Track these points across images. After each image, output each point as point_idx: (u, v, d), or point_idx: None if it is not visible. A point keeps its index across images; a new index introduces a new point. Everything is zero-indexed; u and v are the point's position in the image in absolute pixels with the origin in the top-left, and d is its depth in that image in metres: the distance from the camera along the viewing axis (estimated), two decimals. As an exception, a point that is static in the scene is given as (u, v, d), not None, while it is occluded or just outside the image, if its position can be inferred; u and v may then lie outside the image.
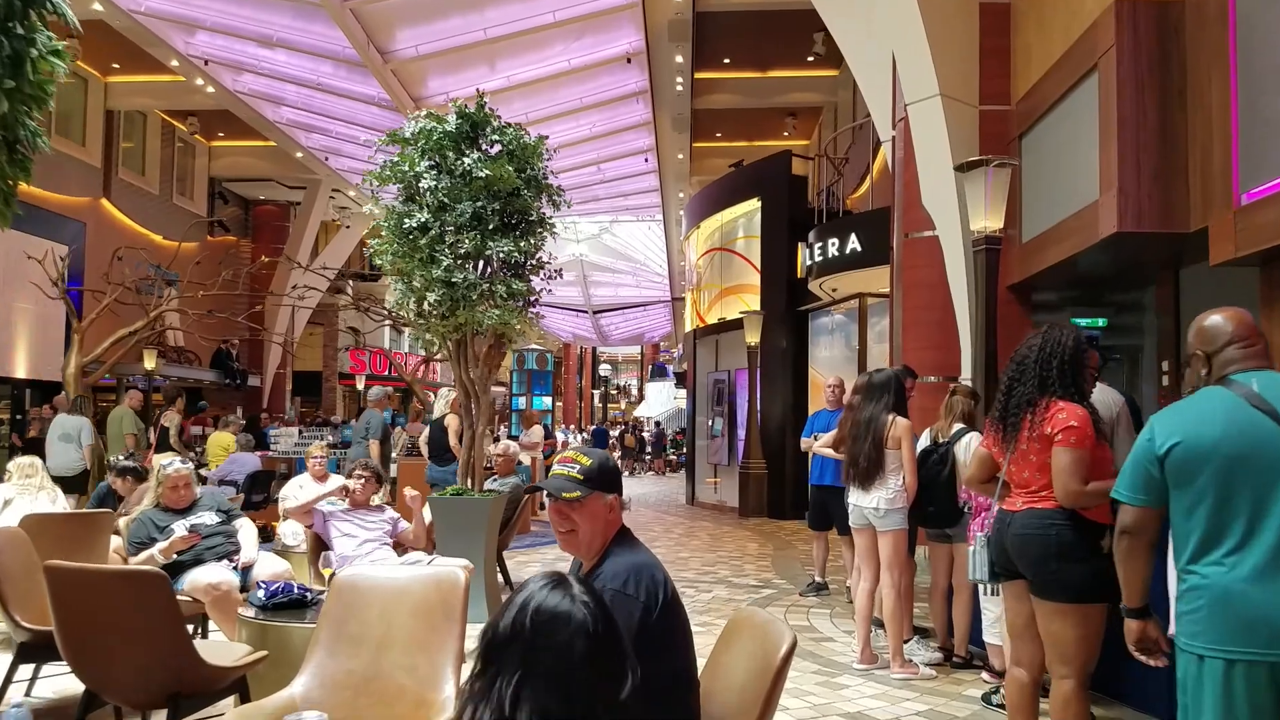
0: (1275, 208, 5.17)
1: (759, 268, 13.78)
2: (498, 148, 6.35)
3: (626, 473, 25.92)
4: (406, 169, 6.05)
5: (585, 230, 29.13)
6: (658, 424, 28.80)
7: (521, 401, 23.22)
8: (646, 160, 19.54)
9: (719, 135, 20.90)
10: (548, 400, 23.83)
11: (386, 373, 25.94)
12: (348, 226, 24.06)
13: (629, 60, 15.12)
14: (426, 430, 9.37)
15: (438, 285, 5.96)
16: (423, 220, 5.92)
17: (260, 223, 23.66)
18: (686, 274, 17.52)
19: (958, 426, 5.28)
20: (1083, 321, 8.54)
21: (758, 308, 13.44)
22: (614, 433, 28.56)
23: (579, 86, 16.26)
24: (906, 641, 5.29)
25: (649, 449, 27.76)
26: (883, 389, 5.18)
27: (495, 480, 7.54)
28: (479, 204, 6.03)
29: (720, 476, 15.04)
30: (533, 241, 6.39)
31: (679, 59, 15.41)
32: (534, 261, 6.61)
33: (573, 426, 33.16)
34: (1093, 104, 6.67)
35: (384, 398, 11.12)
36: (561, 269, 7.09)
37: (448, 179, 6.03)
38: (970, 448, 5.11)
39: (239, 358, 21.93)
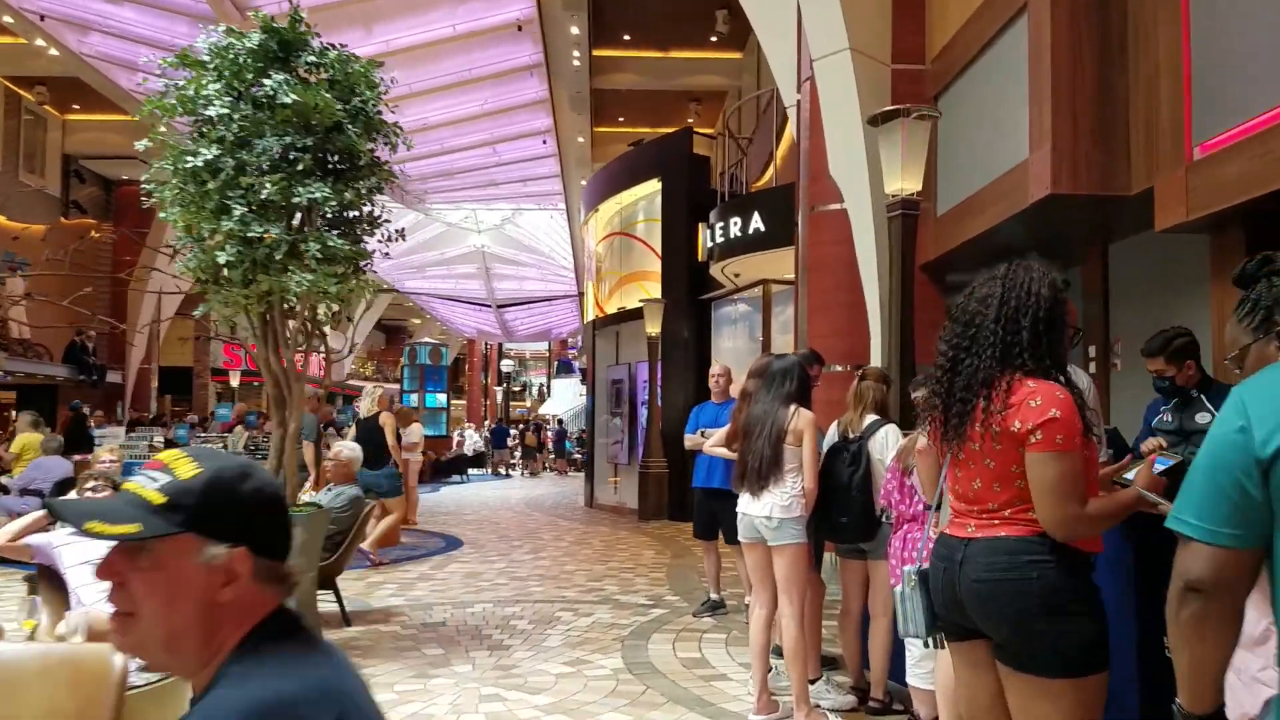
0: (1236, 160, 4.37)
1: (659, 253, 12.78)
2: (319, 75, 5.12)
3: (528, 474, 24.62)
4: (194, 94, 4.78)
5: (486, 220, 27.74)
6: (560, 421, 27.62)
7: (414, 399, 21.71)
8: (545, 143, 18.35)
9: (621, 120, 19.88)
10: (442, 397, 22.32)
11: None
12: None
13: (520, 28, 13.94)
14: (353, 430, 8.80)
15: (232, 242, 4.72)
16: (210, 158, 4.66)
17: (123, 205, 21.55)
18: (585, 261, 16.41)
19: (870, 418, 4.33)
20: (1003, 305, 7.77)
21: (659, 296, 12.44)
22: (514, 431, 27.27)
23: (466, 56, 14.98)
24: (813, 682, 4.31)
25: (550, 448, 26.52)
26: (784, 376, 4.19)
27: (329, 490, 6.31)
28: (286, 139, 4.80)
29: (620, 476, 14.00)
30: (361, 190, 5.19)
31: (574, 30, 14.31)
32: (363, 215, 5.39)
33: (471, 426, 31.71)
34: (1020, 53, 5.84)
35: (312, 397, 9.80)
36: (404, 230, 5.90)
37: (248, 107, 4.78)
38: (890, 443, 4.16)
39: (96, 351, 19.87)
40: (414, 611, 6.51)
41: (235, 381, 23.10)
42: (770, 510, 4.03)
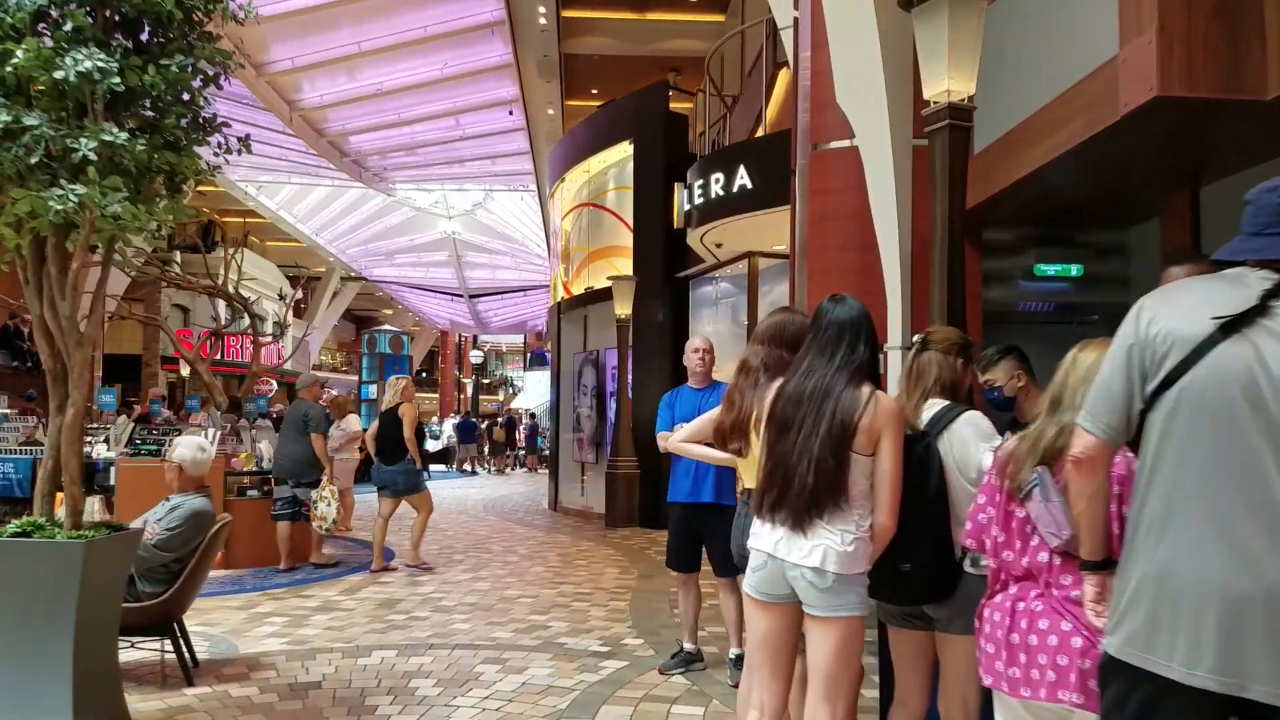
0: None
1: (631, 225, 11.09)
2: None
3: (494, 470, 22.84)
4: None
5: (457, 205, 25.94)
6: (533, 416, 25.87)
7: (372, 390, 19.88)
8: (512, 114, 16.59)
9: (594, 92, 18.13)
10: (402, 389, 20.62)
11: (220, 356, 22.18)
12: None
13: (478, -25, 12.22)
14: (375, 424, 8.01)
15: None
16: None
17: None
18: (552, 241, 14.67)
19: (935, 404, 2.65)
20: (1050, 269, 6.15)
21: (630, 273, 10.75)
22: (483, 425, 25.47)
23: (421, 13, 13.22)
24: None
25: (521, 443, 24.69)
26: (850, 333, 2.52)
27: (167, 502, 4.57)
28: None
29: (588, 476, 12.30)
30: (170, 69, 3.47)
31: (540, -19, 12.63)
32: (178, 104, 3.66)
33: (435, 420, 29.92)
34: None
35: (314, 384, 8.53)
36: (249, 137, 4.17)
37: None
38: (976, 442, 2.49)
39: (31, 335, 17.91)
40: (289, 662, 4.78)
41: (186, 370, 21.18)
42: (823, 559, 2.37)
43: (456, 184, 22.11)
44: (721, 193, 8.01)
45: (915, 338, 2.79)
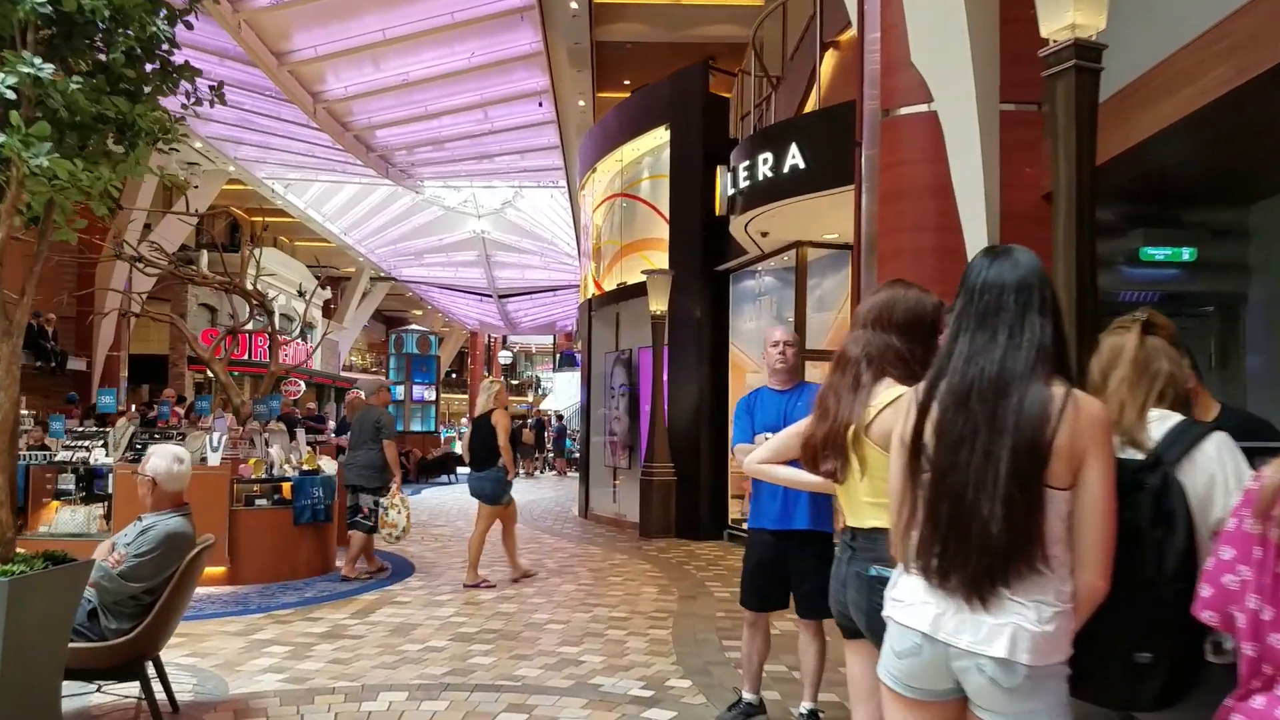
0: None
1: (667, 216, 10.34)
2: None
3: (523, 473, 22.12)
4: None
5: (486, 204, 25.33)
6: (560, 417, 25.16)
7: (400, 391, 19.31)
8: (542, 106, 15.89)
9: (626, 82, 17.37)
10: (429, 392, 19.85)
11: (247, 356, 21.74)
12: (196, 186, 19.80)
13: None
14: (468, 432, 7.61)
15: None
16: None
17: (89, 179, 19.19)
18: (582, 234, 13.94)
19: (1168, 418, 1.84)
20: (1159, 253, 5.31)
21: (666, 267, 10.00)
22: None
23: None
24: None
25: (549, 446, 23.91)
26: (1021, 294, 1.74)
27: (138, 523, 3.87)
28: None
29: (621, 481, 11.54)
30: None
31: (571, -37, 11.93)
32: (127, 37, 2.97)
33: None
34: None
35: (382, 389, 8.07)
36: (222, 85, 3.47)
37: None
38: (1233, 479, 1.70)
39: (56, 335, 17.55)
40: (282, 707, 4.08)
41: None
42: (1012, 646, 1.60)
43: (485, 180, 21.46)
44: (770, 174, 7.23)
45: (1135, 315, 1.99)
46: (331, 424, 15.01)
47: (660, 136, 10.48)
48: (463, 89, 15.53)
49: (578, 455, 25.00)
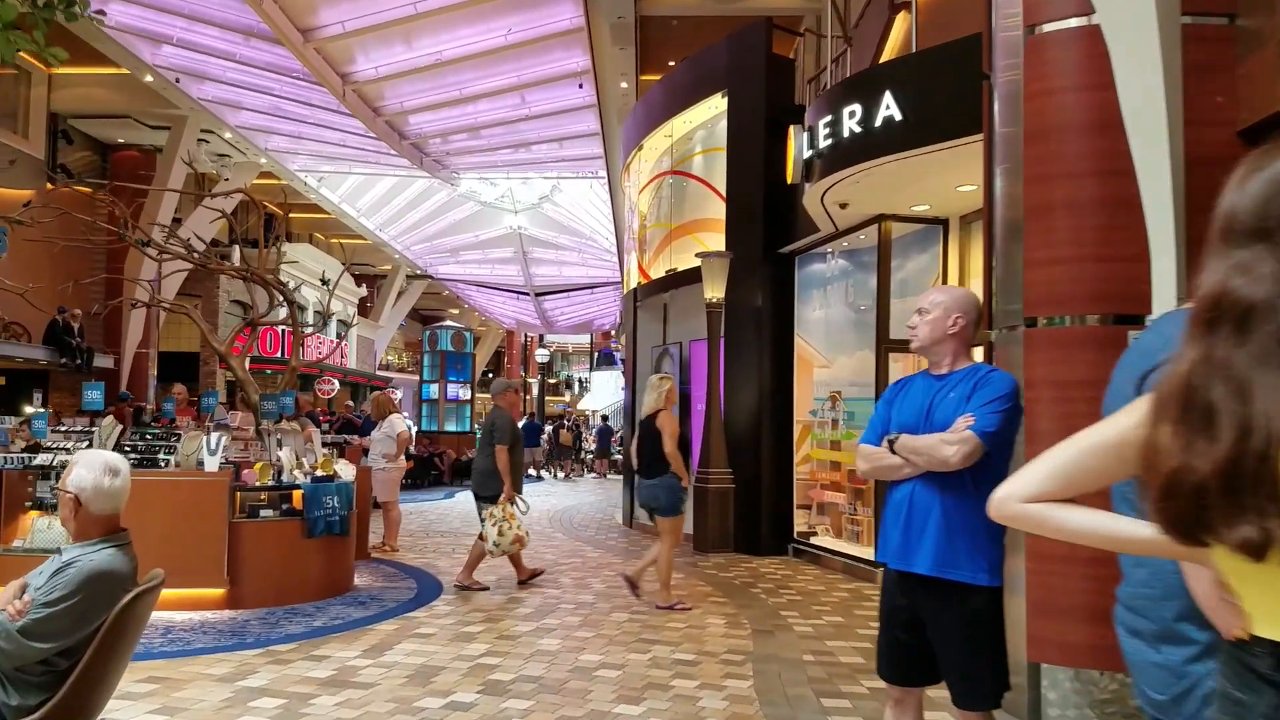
0: None
1: (724, 194, 9.20)
2: None
3: (561, 474, 21.04)
4: None
5: (523, 199, 24.36)
6: (604, 418, 24.06)
7: (433, 390, 18.34)
8: (582, 87, 14.83)
9: (671, 63, 16.24)
10: (463, 390, 18.85)
11: (280, 354, 20.94)
12: (227, 179, 19.08)
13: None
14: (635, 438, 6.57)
15: None
16: None
17: (120, 172, 18.53)
18: (626, 217, 12.81)
19: None
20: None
21: (722, 250, 8.86)
22: (548, 427, 23.75)
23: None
24: None
25: (592, 448, 22.65)
26: None
27: (56, 559, 2.80)
28: None
29: (668, 488, 10.38)
30: None
31: (615, -80, 10.84)
32: None
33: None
34: None
35: (509, 390, 7.05)
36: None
37: None
38: None
39: (83, 332, 16.83)
40: (254, 801, 3.01)
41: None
42: None
43: (522, 171, 20.44)
44: (858, 130, 6.06)
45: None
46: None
47: (716, 105, 9.34)
48: (499, 70, 14.52)
49: (619, 457, 23.98)
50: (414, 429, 23.23)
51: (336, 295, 25.88)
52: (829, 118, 6.34)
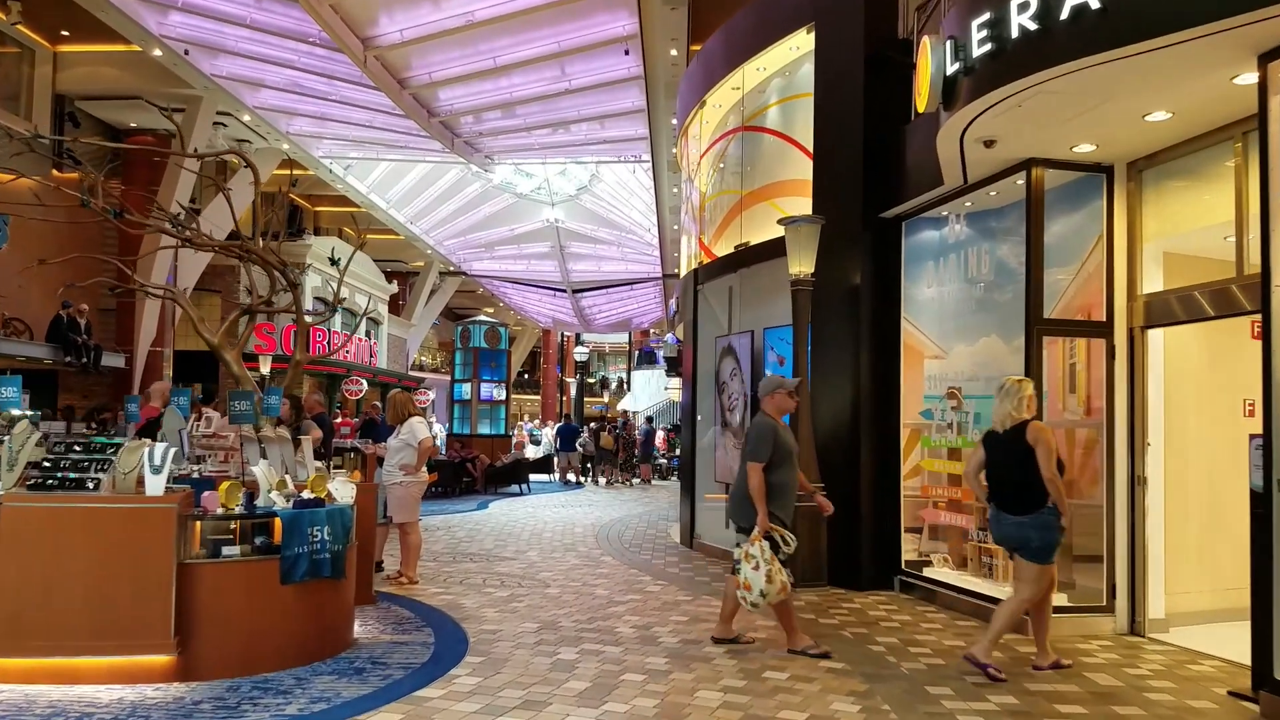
0: None
1: (810, 149, 7.47)
2: None
3: (602, 480, 19.27)
4: None
5: (560, 190, 22.77)
6: (649, 420, 22.31)
7: (465, 389, 16.78)
8: (628, 53, 13.17)
9: (727, 29, 14.57)
10: (498, 390, 17.22)
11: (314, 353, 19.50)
12: (246, 166, 17.62)
13: None
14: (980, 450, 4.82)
15: None
16: None
17: (133, 157, 17.19)
18: (683, 188, 11.07)
19: None
20: None
21: (809, 214, 7.13)
22: (585, 430, 21.96)
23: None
24: None
25: (638, 452, 20.44)
26: None
27: None
28: None
29: (736, 503, 8.65)
30: None
31: None
32: None
33: (546, 422, 26.73)
34: None
35: (780, 391, 5.23)
36: None
37: None
38: None
39: (89, 329, 15.50)
40: None
41: (266, 369, 18.58)
42: None
43: (560, 155, 18.81)
44: (1033, 27, 4.31)
45: None
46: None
47: (797, 45, 7.62)
48: (536, 35, 12.89)
49: (662, 461, 22.15)
50: (442, 434, 21.56)
51: (363, 289, 24.52)
52: (987, 15, 4.59)
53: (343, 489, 5.02)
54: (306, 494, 4.82)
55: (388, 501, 6.62)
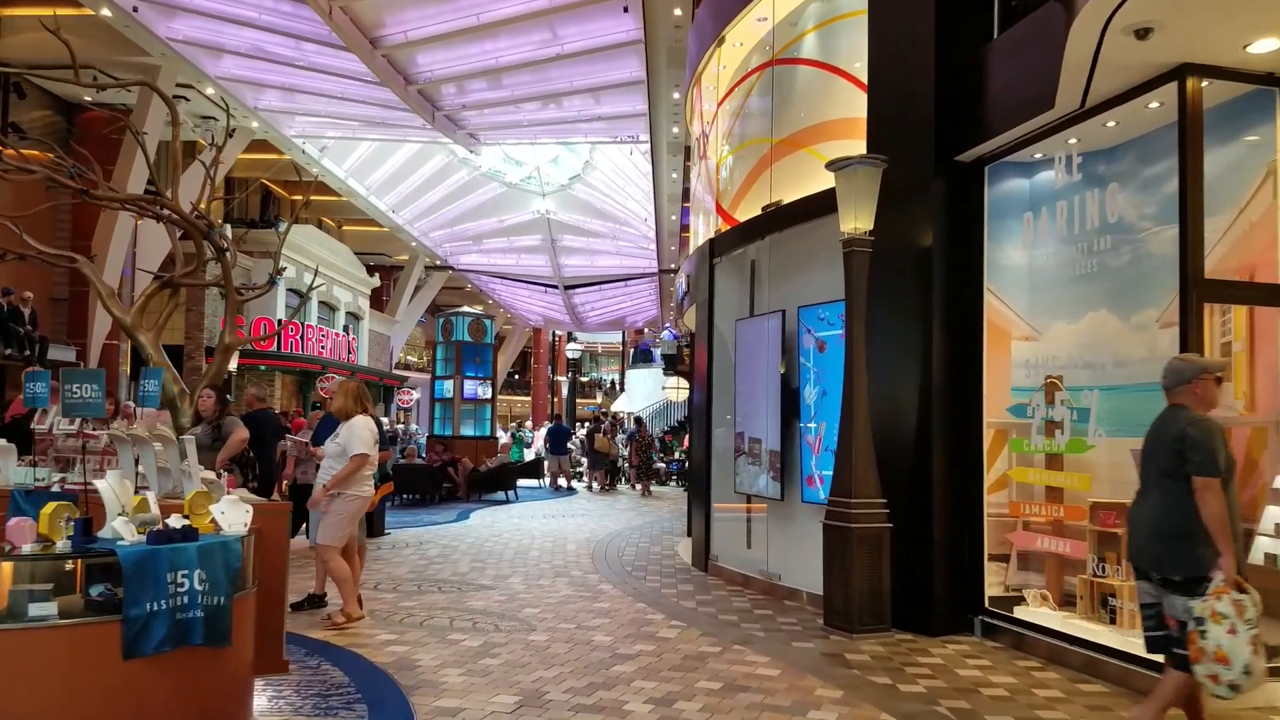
0: None
1: (863, 80, 5.93)
2: None
3: (596, 486, 17.61)
4: None
5: (551, 179, 21.19)
6: (639, 422, 20.66)
7: (448, 387, 15.17)
8: (626, 10, 11.63)
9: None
10: (482, 388, 15.59)
11: (275, 348, 17.89)
12: (213, 146, 15.98)
13: None
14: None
15: None
16: None
17: (89, 135, 15.55)
18: (698, 143, 9.44)
19: None
20: None
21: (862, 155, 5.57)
22: (580, 432, 20.36)
23: None
24: None
25: (631, 457, 18.69)
26: None
27: None
28: None
29: (771, 520, 7.07)
30: None
31: None
32: None
33: (523, 424, 25.10)
34: None
35: (1204, 376, 3.48)
36: None
37: None
38: None
39: (34, 319, 13.84)
40: None
41: (233, 365, 16.93)
42: None
43: (551, 134, 17.22)
44: None
45: None
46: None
47: (845, -47, 6.08)
48: (526, -12, 11.39)
49: (660, 466, 20.37)
50: (419, 436, 19.79)
51: (345, 285, 22.84)
52: None
53: (233, 511, 3.42)
54: (175, 520, 3.22)
55: (319, 523, 5.02)
